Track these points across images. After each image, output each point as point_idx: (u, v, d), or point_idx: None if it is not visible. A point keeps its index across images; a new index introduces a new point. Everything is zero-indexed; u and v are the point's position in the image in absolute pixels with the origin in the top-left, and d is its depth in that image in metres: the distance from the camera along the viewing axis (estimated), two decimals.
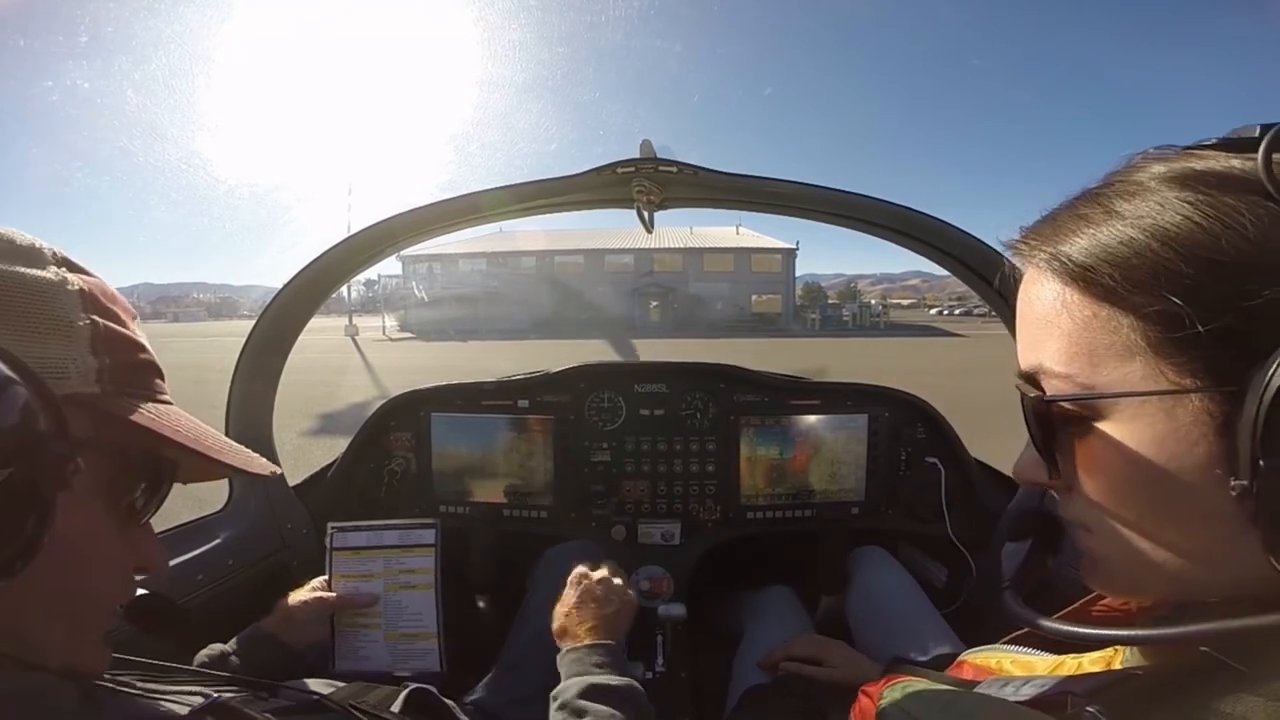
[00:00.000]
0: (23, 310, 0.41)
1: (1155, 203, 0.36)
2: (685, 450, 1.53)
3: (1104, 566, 0.42)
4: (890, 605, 1.27)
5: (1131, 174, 0.38)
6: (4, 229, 0.43)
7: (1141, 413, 0.36)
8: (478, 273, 37.44)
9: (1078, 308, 0.38)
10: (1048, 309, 0.40)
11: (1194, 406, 0.34)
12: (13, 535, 0.36)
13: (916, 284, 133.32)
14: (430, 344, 23.59)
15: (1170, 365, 0.34)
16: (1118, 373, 0.36)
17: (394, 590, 1.08)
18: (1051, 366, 0.39)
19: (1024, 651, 0.58)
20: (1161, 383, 0.35)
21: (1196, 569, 0.36)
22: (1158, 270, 0.34)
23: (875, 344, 25.08)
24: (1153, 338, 0.35)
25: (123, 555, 0.47)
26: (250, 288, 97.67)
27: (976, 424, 1.72)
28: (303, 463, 1.62)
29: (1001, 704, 0.46)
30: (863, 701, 0.62)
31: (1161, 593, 0.40)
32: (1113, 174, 0.40)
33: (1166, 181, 0.36)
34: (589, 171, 1.10)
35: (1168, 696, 0.37)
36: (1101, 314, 0.37)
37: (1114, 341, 0.36)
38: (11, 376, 0.36)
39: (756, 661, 1.16)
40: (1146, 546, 0.38)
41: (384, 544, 1.09)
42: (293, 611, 0.99)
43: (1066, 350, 0.38)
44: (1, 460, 0.35)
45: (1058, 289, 0.39)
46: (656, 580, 1.44)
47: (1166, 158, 0.38)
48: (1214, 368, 0.33)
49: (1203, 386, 0.34)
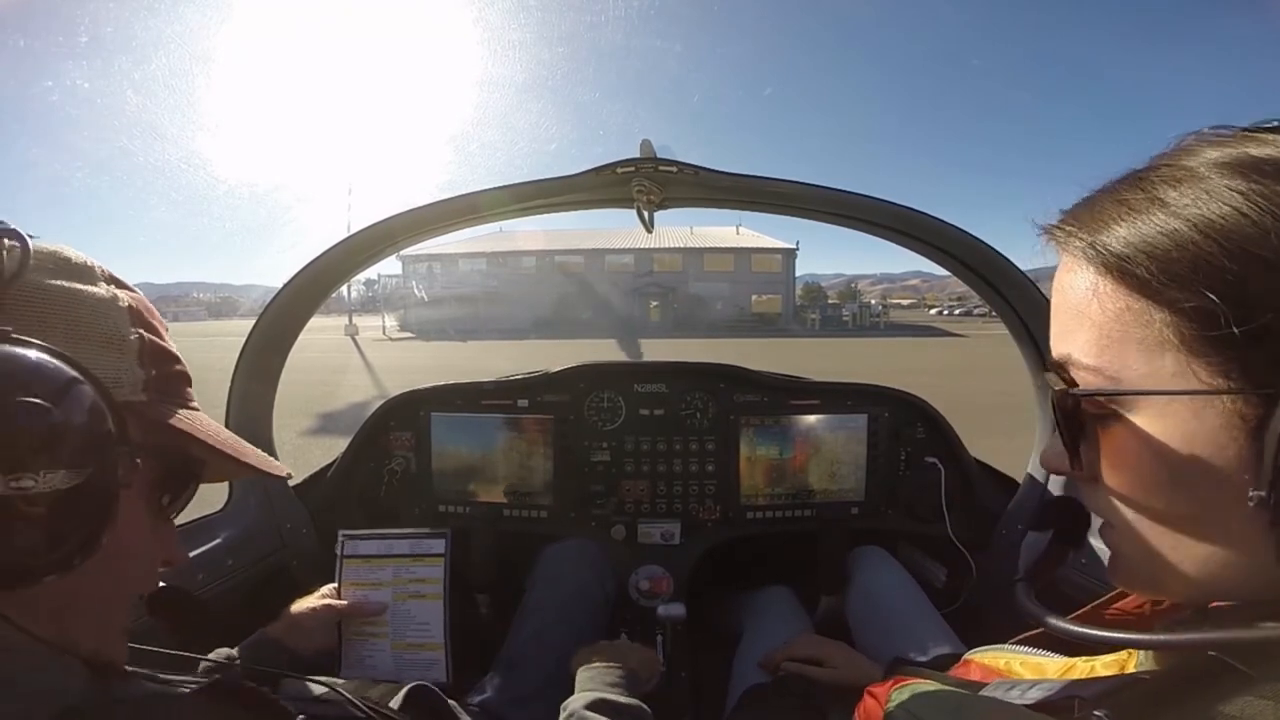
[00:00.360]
0: (81, 325, 0.44)
1: (1203, 191, 0.34)
2: (685, 450, 1.53)
3: (1125, 563, 0.41)
4: (890, 605, 1.27)
5: (1180, 158, 0.36)
6: (57, 246, 0.46)
7: (1169, 410, 0.34)
8: (478, 273, 37.43)
9: (1110, 299, 0.36)
10: (1080, 298, 0.38)
11: (1225, 408, 0.33)
12: (80, 531, 0.39)
13: (916, 284, 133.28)
14: (430, 344, 23.58)
15: (1203, 364, 0.33)
16: (1147, 368, 0.35)
17: (402, 599, 1.07)
18: (1080, 358, 0.38)
19: (1034, 652, 0.57)
20: (1192, 382, 0.33)
21: (1218, 571, 0.35)
22: (1198, 264, 0.33)
23: (875, 344, 25.08)
24: (1186, 335, 0.33)
25: (155, 550, 0.51)
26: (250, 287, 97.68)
27: (976, 424, 1.72)
28: (302, 462, 1.62)
29: (1010, 708, 0.46)
30: (868, 703, 0.61)
31: (1182, 593, 0.39)
32: (1160, 156, 0.38)
33: (1219, 167, 0.34)
34: (589, 171, 1.10)
35: (1175, 700, 0.36)
36: (1135, 307, 0.35)
37: (1146, 336, 0.35)
38: (81, 381, 0.39)
39: (757, 661, 1.16)
40: (1167, 546, 0.37)
41: (395, 553, 1.09)
42: (300, 618, 0.99)
43: (1096, 342, 0.37)
44: (78, 459, 0.38)
45: (1092, 279, 0.37)
46: (656, 580, 1.44)
47: (1221, 140, 0.36)
48: (1250, 369, 0.32)
49: (1236, 388, 0.32)
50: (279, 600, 1.02)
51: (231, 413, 1.27)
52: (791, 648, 1.14)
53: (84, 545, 0.40)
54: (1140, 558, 0.39)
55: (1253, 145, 0.34)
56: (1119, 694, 0.40)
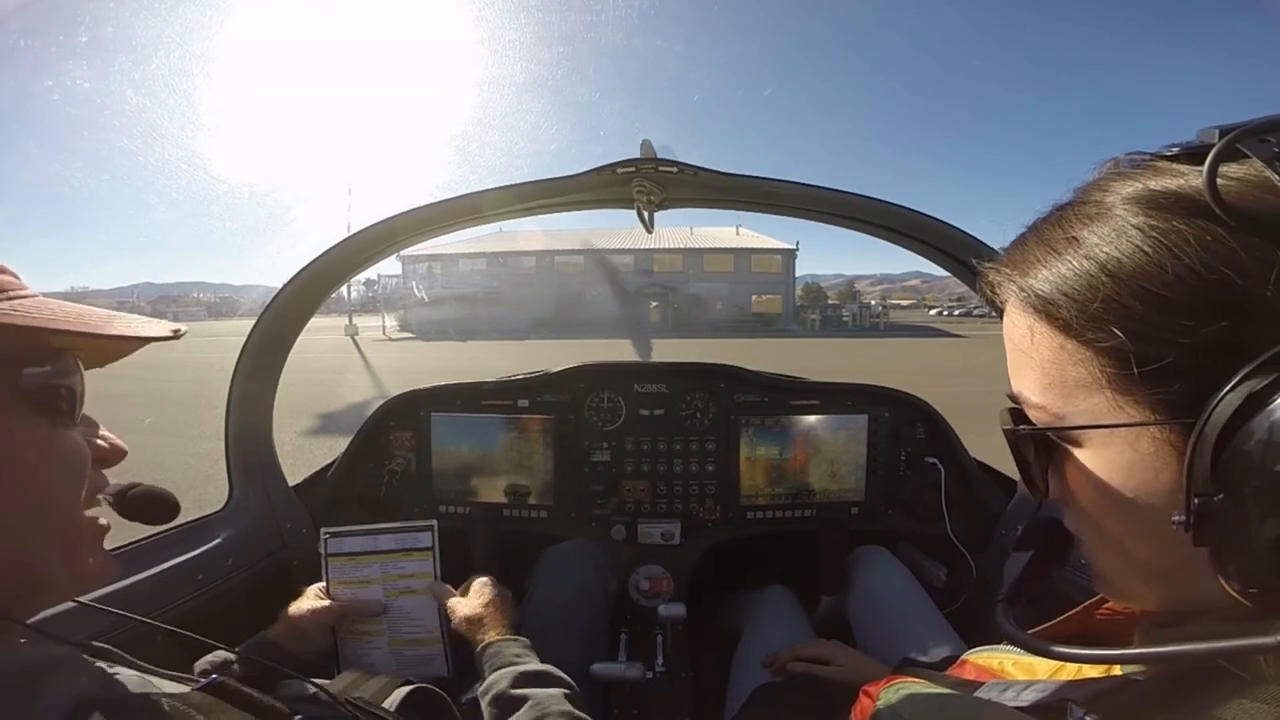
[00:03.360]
0: None
1: (1111, 230, 0.35)
2: (685, 450, 1.53)
3: (1100, 575, 0.43)
4: (890, 605, 1.27)
5: (1094, 192, 0.38)
6: None
7: (1110, 442, 0.36)
8: (478, 273, 37.41)
9: (1045, 340, 0.39)
10: (1021, 339, 0.40)
11: (1155, 438, 0.34)
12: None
13: (916, 284, 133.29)
14: (430, 344, 23.58)
15: (1129, 400, 0.35)
16: (1086, 404, 0.37)
17: (394, 596, 1.06)
18: (1029, 396, 0.40)
19: (1025, 653, 0.58)
20: (1121, 416, 0.35)
21: (1178, 585, 0.37)
22: (1109, 305, 0.34)
23: (875, 344, 25.08)
24: (1109, 373, 0.35)
25: (71, 454, 0.46)
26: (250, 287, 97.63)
27: (976, 424, 1.72)
28: (303, 462, 1.62)
29: (995, 708, 0.46)
30: (863, 702, 0.62)
31: (1155, 602, 0.41)
32: (1081, 189, 0.40)
33: (1127, 203, 0.36)
34: (589, 171, 1.10)
35: (1168, 703, 0.37)
36: (1068, 346, 0.37)
37: (1081, 374, 0.37)
38: None
39: (762, 662, 1.16)
40: (1129, 562, 0.39)
41: (380, 549, 1.07)
42: (297, 620, 0.98)
43: (1040, 381, 0.39)
44: None
45: (1029, 321, 0.40)
46: (656, 580, 1.44)
47: (1130, 173, 0.37)
48: (1168, 402, 0.33)
49: (1159, 420, 0.34)
50: (279, 600, 1.02)
51: (231, 413, 1.27)
52: (798, 647, 1.14)
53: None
54: (1109, 570, 0.42)
55: (1154, 178, 0.36)
56: (1111, 697, 0.40)
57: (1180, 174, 0.35)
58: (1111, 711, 0.38)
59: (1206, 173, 0.32)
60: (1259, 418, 0.29)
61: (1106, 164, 0.39)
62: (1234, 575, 0.31)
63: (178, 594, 1.05)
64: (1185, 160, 0.35)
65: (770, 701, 1.08)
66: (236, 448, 1.29)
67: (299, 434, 6.61)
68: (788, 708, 1.05)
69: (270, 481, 1.34)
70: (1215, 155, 0.32)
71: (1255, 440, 0.29)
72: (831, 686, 1.04)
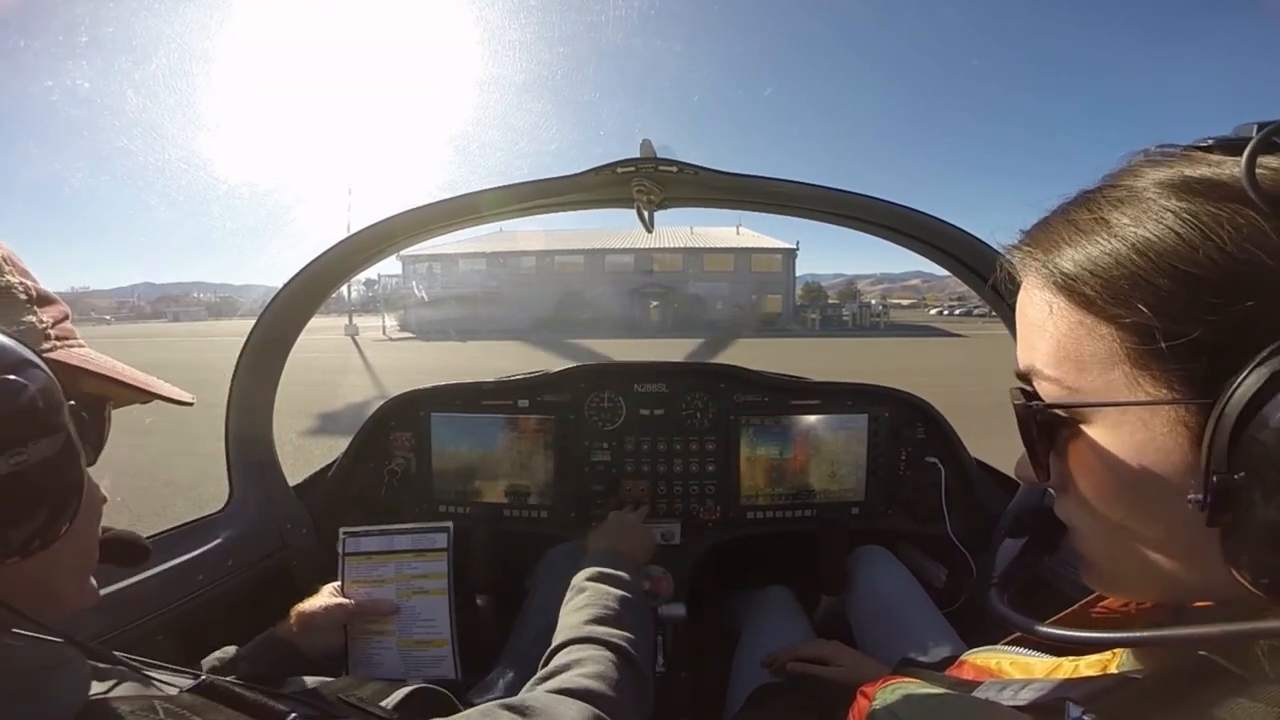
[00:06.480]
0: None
1: (1141, 211, 0.36)
2: (685, 450, 1.53)
3: (1094, 568, 0.43)
4: (891, 605, 1.27)
5: (1125, 178, 0.38)
6: None
7: (1123, 420, 0.36)
8: (478, 273, 37.40)
9: (1064, 315, 0.39)
10: (1039, 314, 0.41)
11: (1170, 418, 0.34)
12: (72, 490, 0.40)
13: (916, 284, 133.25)
14: (430, 344, 23.58)
15: (1147, 376, 0.35)
16: (1101, 380, 0.37)
17: (407, 596, 1.07)
18: (1041, 368, 0.40)
19: (1022, 653, 0.58)
20: (1139, 393, 0.35)
21: (1181, 573, 0.37)
22: (1136, 282, 0.35)
23: (875, 344, 25.07)
24: (1129, 349, 0.35)
25: (94, 487, 0.49)
26: (250, 287, 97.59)
27: (976, 424, 1.72)
28: (303, 463, 1.62)
29: (992, 708, 0.46)
30: (860, 702, 0.62)
31: (1152, 595, 0.41)
32: (1109, 176, 0.40)
33: (1159, 187, 0.36)
34: (589, 171, 1.10)
35: (1165, 702, 0.37)
36: (1087, 322, 0.38)
37: (1097, 350, 0.37)
38: (26, 349, 0.39)
39: (761, 662, 1.17)
40: (1130, 550, 0.38)
41: (396, 549, 1.08)
42: (309, 618, 0.98)
43: (1055, 354, 0.39)
44: (52, 423, 0.38)
45: (1048, 297, 0.40)
46: (656, 580, 1.44)
47: (1163, 161, 0.38)
48: (1188, 380, 0.34)
49: (1176, 399, 0.34)
50: (279, 600, 1.02)
51: (231, 413, 1.27)
52: (798, 648, 1.14)
53: (73, 503, 0.40)
54: (1105, 562, 0.41)
55: (1189, 165, 0.36)
56: (1109, 695, 0.40)
57: (1215, 163, 0.35)
58: (1109, 710, 0.38)
59: (1246, 160, 0.33)
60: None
61: (1136, 154, 0.40)
62: (1246, 563, 0.31)
63: (178, 594, 1.05)
64: (1220, 152, 0.36)
65: (770, 701, 1.08)
66: (237, 448, 1.29)
67: (299, 434, 6.61)
68: (787, 708, 1.05)
69: (270, 482, 1.34)
70: (1255, 145, 0.33)
71: (1278, 419, 0.29)
72: (831, 687, 1.04)
